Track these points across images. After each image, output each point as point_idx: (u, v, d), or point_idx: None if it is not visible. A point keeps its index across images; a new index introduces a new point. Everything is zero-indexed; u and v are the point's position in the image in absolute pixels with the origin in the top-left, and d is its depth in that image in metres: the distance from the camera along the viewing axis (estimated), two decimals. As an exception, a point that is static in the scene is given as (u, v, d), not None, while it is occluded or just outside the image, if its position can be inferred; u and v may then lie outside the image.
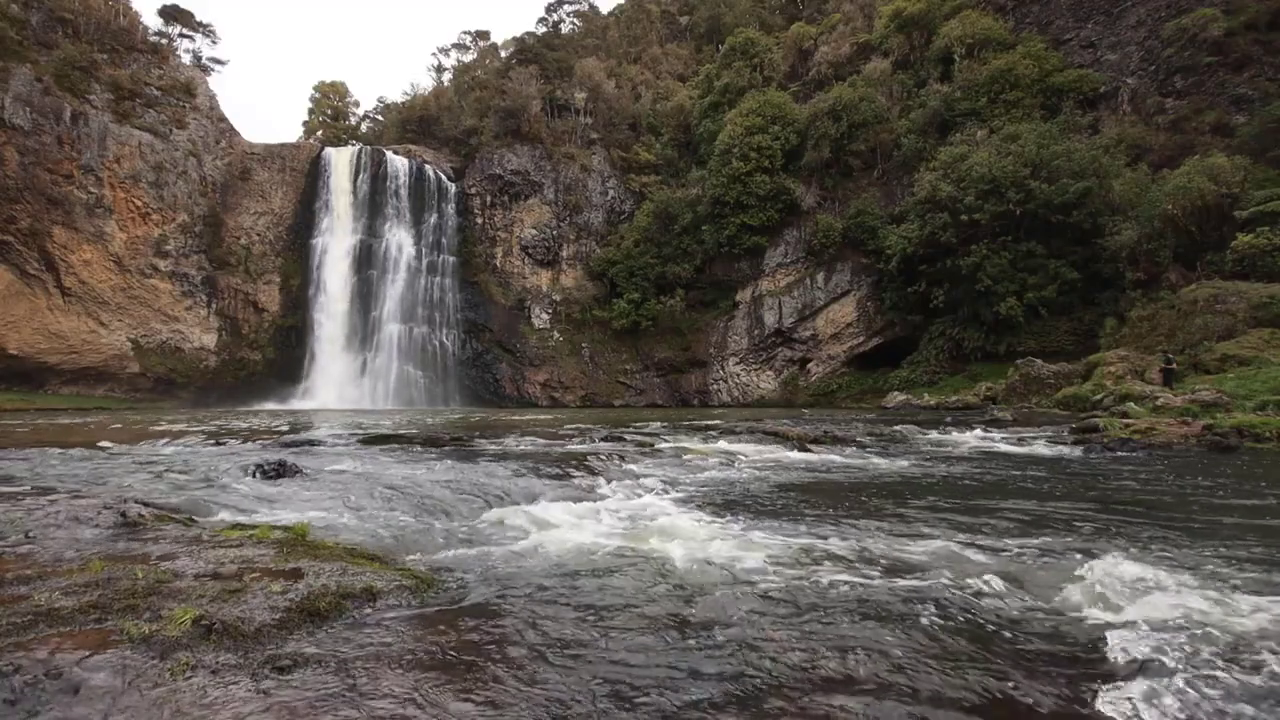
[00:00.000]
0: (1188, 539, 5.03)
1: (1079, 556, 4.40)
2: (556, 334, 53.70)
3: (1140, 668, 2.67)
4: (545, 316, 54.11)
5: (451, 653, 2.71)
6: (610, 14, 79.79)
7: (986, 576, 3.90)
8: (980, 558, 4.45)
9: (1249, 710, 2.35)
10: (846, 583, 3.83)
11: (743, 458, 11.01)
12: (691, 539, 4.97)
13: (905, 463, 10.56)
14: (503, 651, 2.75)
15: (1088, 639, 3.01)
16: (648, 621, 3.16)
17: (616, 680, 2.52)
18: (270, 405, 45.44)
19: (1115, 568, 3.96)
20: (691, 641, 2.92)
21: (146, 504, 5.25)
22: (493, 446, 11.90)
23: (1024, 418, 20.53)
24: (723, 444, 12.72)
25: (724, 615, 3.26)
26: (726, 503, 6.82)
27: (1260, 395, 15.87)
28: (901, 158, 45.19)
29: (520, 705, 2.30)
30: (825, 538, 5.06)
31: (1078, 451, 11.92)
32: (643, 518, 5.88)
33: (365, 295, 51.41)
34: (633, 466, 9.42)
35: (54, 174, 42.78)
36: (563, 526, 5.37)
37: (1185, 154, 32.95)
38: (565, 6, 78.43)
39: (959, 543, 4.89)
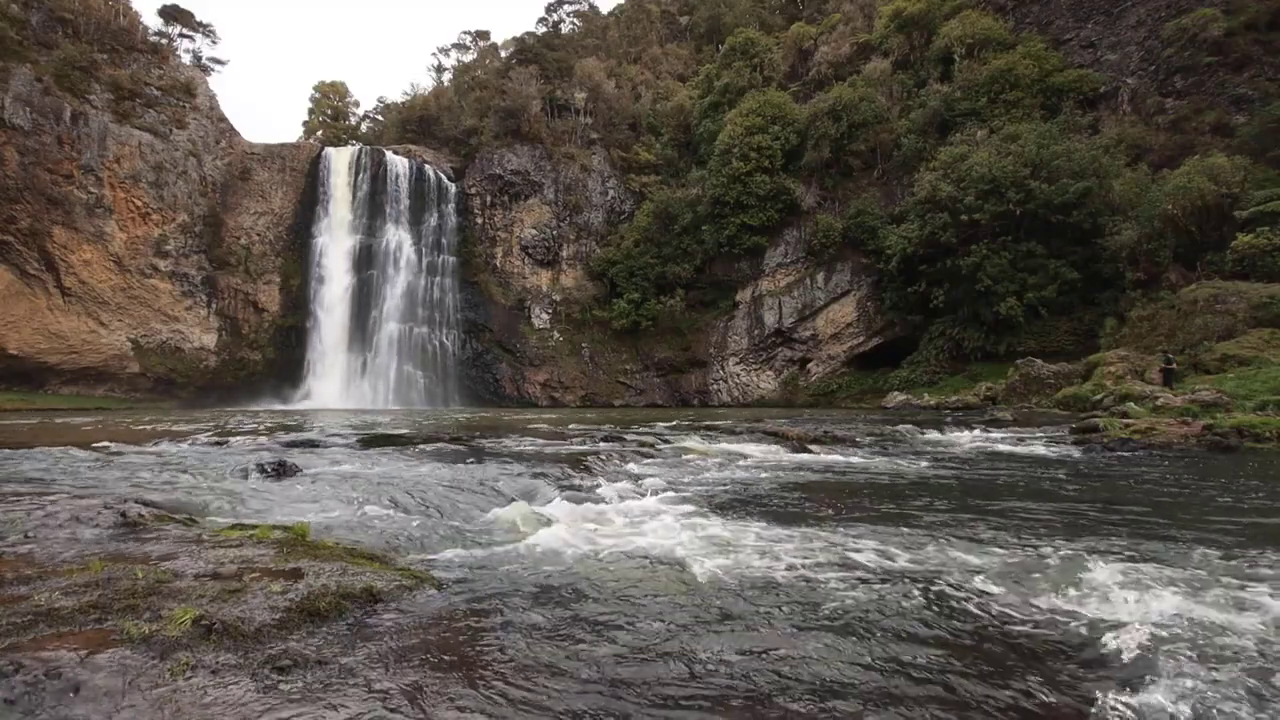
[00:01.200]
0: (1189, 539, 5.03)
1: (1081, 557, 4.40)
2: (556, 334, 53.69)
3: (1144, 668, 2.67)
4: (545, 316, 54.11)
5: (451, 654, 2.70)
6: (610, 14, 79.77)
7: (990, 578, 3.91)
8: (984, 559, 4.44)
9: (1252, 710, 2.35)
10: (841, 582, 3.83)
11: (743, 458, 11.01)
12: (692, 540, 4.97)
13: (905, 463, 10.56)
14: (502, 654, 2.75)
15: (1091, 640, 3.00)
16: (648, 625, 3.16)
17: (618, 689, 2.51)
18: (270, 405, 45.45)
19: (1117, 568, 3.96)
20: (691, 644, 2.91)
21: (146, 504, 5.25)
22: (493, 446, 11.90)
23: (1024, 418, 20.53)
24: (723, 444, 12.72)
25: (725, 617, 3.26)
26: (727, 504, 6.82)
27: (1260, 395, 15.86)
28: (901, 158, 45.18)
29: (520, 710, 2.30)
30: (823, 538, 5.06)
31: (1078, 452, 11.92)
32: (643, 518, 5.88)
33: (365, 295, 51.39)
34: (633, 467, 9.42)
35: (54, 174, 42.76)
36: (563, 527, 5.36)
37: (1185, 154, 32.94)
38: (565, 6, 78.46)
39: (960, 544, 4.89)
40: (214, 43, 64.32)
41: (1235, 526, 5.51)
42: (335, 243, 52.29)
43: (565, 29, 76.18)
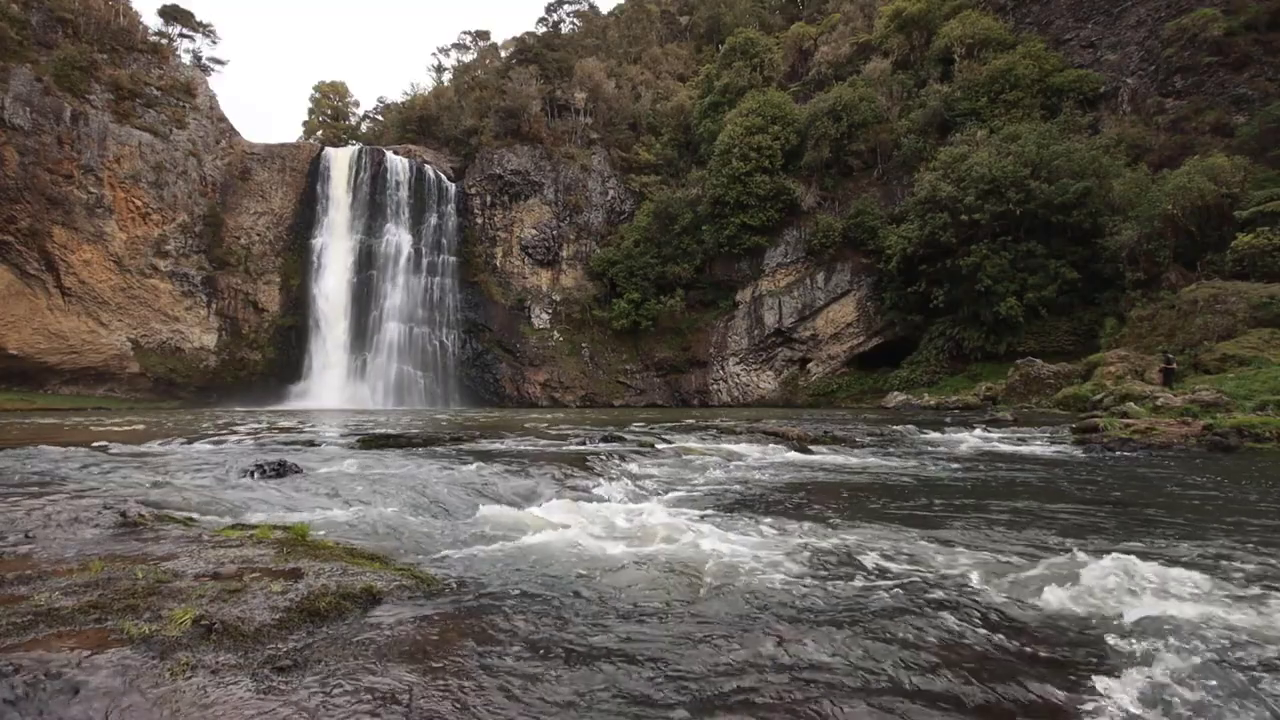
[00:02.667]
0: (1189, 539, 5.03)
1: (1081, 556, 4.39)
2: (556, 334, 53.70)
3: (1144, 668, 2.67)
4: (545, 316, 54.12)
5: (451, 655, 2.70)
6: (610, 14, 79.82)
7: (994, 577, 3.91)
8: (988, 558, 4.44)
9: (1250, 710, 2.35)
10: (846, 582, 3.83)
11: (742, 458, 11.01)
12: (691, 540, 4.96)
13: (906, 463, 10.56)
14: (502, 655, 2.75)
15: (1091, 639, 3.00)
16: (648, 627, 3.16)
17: (618, 693, 2.51)
18: (270, 405, 45.45)
19: (1117, 568, 3.95)
20: (689, 646, 2.91)
21: (146, 504, 5.24)
22: (493, 446, 11.89)
23: (1024, 418, 20.54)
24: (722, 444, 12.72)
25: (724, 617, 3.25)
26: (727, 504, 6.82)
27: (1260, 395, 15.86)
28: (901, 158, 45.20)
29: (520, 712, 2.30)
30: (826, 538, 5.06)
31: (1078, 452, 11.92)
32: (642, 518, 5.87)
33: (365, 295, 51.41)
34: (633, 467, 9.41)
35: (54, 174, 42.79)
36: (563, 527, 5.36)
37: (1185, 154, 32.96)
38: (565, 6, 78.52)
39: (964, 543, 4.89)
40: (214, 43, 64.48)
41: (1239, 526, 5.51)
42: (335, 242, 52.31)
43: (565, 29, 76.25)
